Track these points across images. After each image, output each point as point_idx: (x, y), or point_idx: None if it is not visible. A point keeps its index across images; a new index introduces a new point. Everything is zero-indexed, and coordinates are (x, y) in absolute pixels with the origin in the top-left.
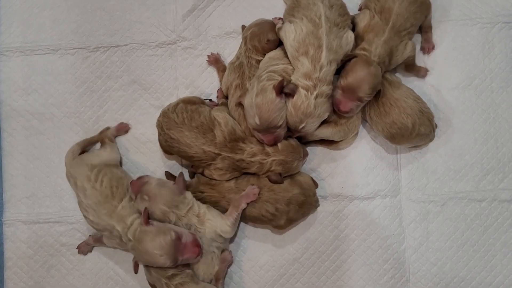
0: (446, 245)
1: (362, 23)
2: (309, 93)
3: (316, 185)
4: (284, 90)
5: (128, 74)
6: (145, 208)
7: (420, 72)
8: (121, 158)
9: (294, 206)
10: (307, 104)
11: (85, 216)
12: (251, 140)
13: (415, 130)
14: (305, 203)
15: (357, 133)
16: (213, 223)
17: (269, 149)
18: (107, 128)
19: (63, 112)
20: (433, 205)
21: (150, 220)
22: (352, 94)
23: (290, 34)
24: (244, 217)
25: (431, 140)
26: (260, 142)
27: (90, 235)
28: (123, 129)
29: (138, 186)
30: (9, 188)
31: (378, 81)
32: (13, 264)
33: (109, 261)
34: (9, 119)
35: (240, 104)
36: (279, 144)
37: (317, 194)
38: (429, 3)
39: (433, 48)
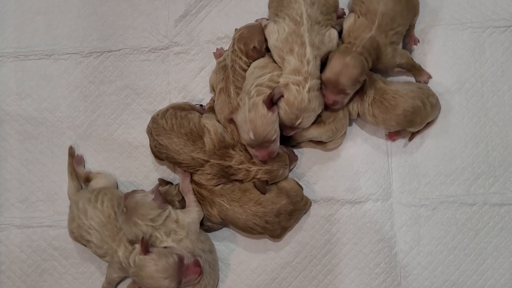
0: (437, 249)
1: (346, 24)
2: (300, 87)
3: (301, 188)
4: (273, 100)
5: (121, 79)
6: (142, 237)
7: (422, 77)
8: (116, 182)
9: (284, 216)
10: (301, 98)
11: (87, 242)
12: (240, 147)
13: (426, 104)
14: (295, 211)
15: (345, 133)
16: (191, 220)
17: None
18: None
19: (57, 117)
20: (424, 209)
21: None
22: (333, 87)
23: (273, 35)
24: (237, 228)
25: (439, 110)
26: (247, 151)
27: (102, 284)
28: (79, 161)
29: (125, 198)
30: (2, 192)
31: (358, 71)
32: (7, 268)
33: (102, 266)
34: (2, 124)
35: (231, 120)
36: None
37: (308, 198)
38: (417, 2)
39: (418, 41)
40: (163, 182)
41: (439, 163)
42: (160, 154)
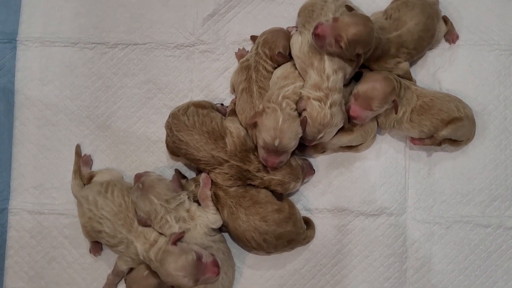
0: (448, 268)
1: (380, 21)
2: (322, 103)
3: (311, 226)
4: (297, 109)
5: (144, 73)
6: (183, 232)
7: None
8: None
9: (282, 241)
10: (323, 114)
11: (99, 232)
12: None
13: (461, 112)
14: (294, 241)
15: (375, 135)
16: (204, 219)
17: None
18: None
19: (77, 106)
20: (438, 227)
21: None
22: (363, 101)
23: (297, 45)
24: (234, 236)
25: (474, 134)
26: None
27: (108, 275)
28: (87, 161)
29: (139, 177)
30: (17, 176)
31: (389, 90)
32: (15, 253)
33: (110, 258)
34: (22, 108)
35: (254, 125)
36: None
37: (310, 235)
38: (437, 41)
39: (457, 37)
40: (179, 174)
41: (457, 182)
42: (178, 150)
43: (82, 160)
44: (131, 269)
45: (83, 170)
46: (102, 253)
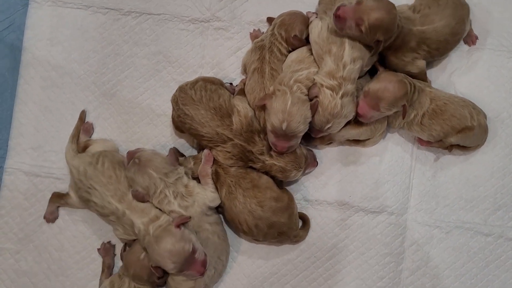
0: (444, 273)
1: (406, 12)
2: (334, 92)
3: (306, 227)
4: (309, 95)
5: (155, 44)
6: (189, 217)
7: None
8: (117, 148)
9: (273, 231)
10: (334, 104)
11: (87, 201)
12: (265, 136)
13: (474, 120)
14: (284, 234)
15: (383, 132)
16: (202, 195)
17: (273, 153)
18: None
19: (84, 70)
20: (438, 230)
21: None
22: (372, 100)
23: (316, 30)
24: (227, 217)
25: (484, 140)
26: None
27: (50, 197)
28: (88, 129)
29: (133, 154)
30: (16, 136)
31: (401, 94)
32: (6, 213)
33: (102, 228)
34: (28, 67)
35: (263, 107)
36: None
37: (302, 236)
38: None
39: (476, 38)
40: (177, 151)
41: (462, 187)
42: (182, 124)
43: (83, 128)
44: (126, 246)
45: (81, 137)
46: (94, 224)
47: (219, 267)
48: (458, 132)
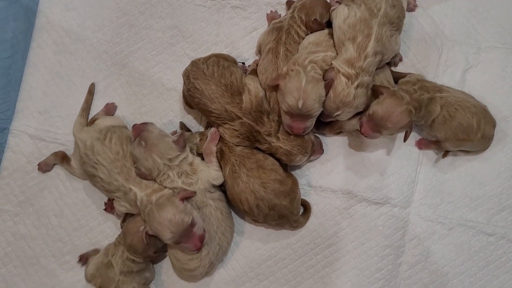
0: (443, 269)
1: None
2: (350, 81)
3: (307, 214)
4: (324, 78)
5: (171, 17)
6: (194, 192)
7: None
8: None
9: (273, 214)
10: (347, 92)
11: (93, 176)
12: (274, 117)
13: (480, 130)
14: (284, 218)
15: None
16: (206, 173)
17: (280, 135)
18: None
19: (97, 38)
20: (441, 226)
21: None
22: (375, 124)
23: (341, 16)
24: (229, 195)
25: (486, 148)
26: (278, 124)
27: (55, 152)
28: (110, 110)
29: (140, 130)
30: (24, 98)
31: (404, 123)
32: (8, 174)
33: (103, 197)
34: (42, 31)
35: (275, 87)
36: None
37: (302, 223)
38: None
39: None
40: (184, 126)
41: (467, 185)
42: (192, 99)
43: (105, 108)
44: (126, 217)
45: (97, 114)
46: (93, 194)
47: (224, 244)
48: (457, 140)
